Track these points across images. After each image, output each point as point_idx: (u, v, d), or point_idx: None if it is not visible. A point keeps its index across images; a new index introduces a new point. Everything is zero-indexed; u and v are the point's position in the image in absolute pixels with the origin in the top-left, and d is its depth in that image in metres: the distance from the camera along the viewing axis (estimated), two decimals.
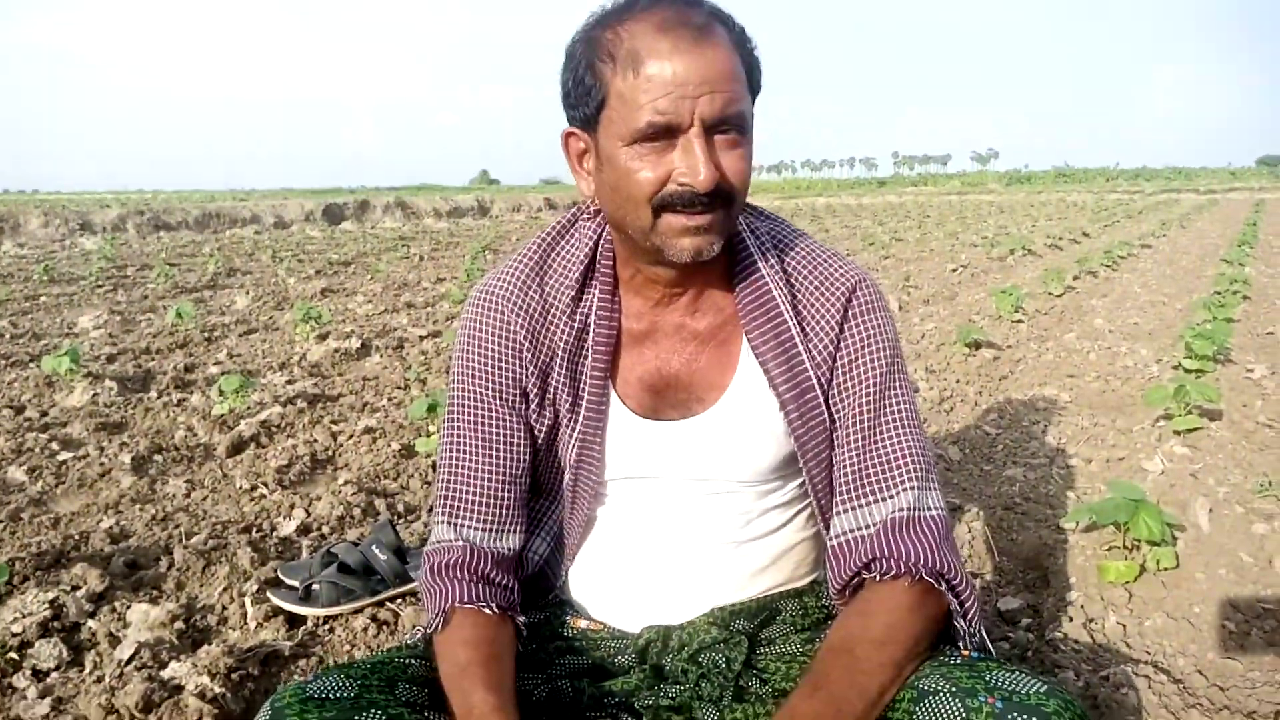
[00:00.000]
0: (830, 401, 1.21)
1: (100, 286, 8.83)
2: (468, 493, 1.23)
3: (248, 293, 8.08)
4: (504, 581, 1.21)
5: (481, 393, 1.24)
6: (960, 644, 1.11)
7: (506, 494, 1.23)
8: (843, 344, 1.19)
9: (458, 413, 1.25)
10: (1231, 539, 2.33)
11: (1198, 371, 4.11)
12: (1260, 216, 17.71)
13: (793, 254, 1.24)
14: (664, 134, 1.03)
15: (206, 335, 5.97)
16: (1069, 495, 2.83)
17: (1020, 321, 6.00)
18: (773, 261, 1.21)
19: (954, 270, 9.39)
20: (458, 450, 1.24)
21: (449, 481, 1.24)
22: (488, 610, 1.16)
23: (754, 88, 1.10)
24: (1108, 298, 7.18)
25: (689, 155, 1.02)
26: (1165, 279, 8.40)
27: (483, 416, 1.24)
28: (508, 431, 1.24)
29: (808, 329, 1.20)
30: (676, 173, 1.04)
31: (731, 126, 1.04)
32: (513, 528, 1.25)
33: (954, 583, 1.10)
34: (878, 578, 1.10)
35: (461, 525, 1.22)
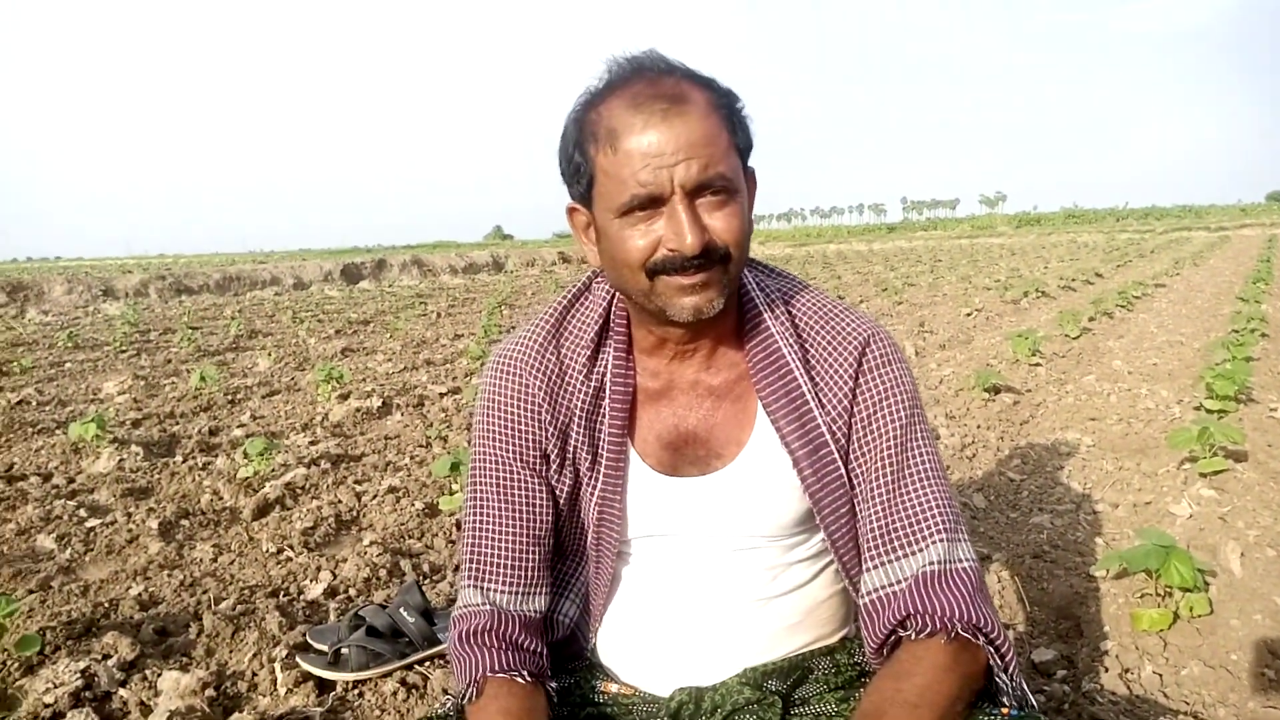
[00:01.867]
0: (850, 456, 1.21)
1: (124, 351, 8.95)
2: (493, 556, 1.24)
3: (269, 354, 8.16)
4: (533, 647, 1.22)
5: (502, 455, 1.26)
6: (1003, 699, 1.10)
7: (531, 556, 1.24)
8: (859, 398, 1.20)
9: (480, 476, 1.27)
10: (1265, 583, 2.30)
11: (1220, 412, 4.08)
12: (1273, 253, 17.66)
13: (803, 309, 1.25)
14: (649, 204, 1.06)
15: (230, 398, 6.03)
16: (1098, 542, 2.80)
17: (1038, 365, 5.99)
18: (782, 318, 1.23)
19: (968, 314, 9.39)
20: (481, 513, 1.26)
21: (474, 545, 1.25)
22: (520, 679, 1.16)
23: (742, 145, 1.12)
24: (1125, 339, 7.16)
25: (674, 221, 1.06)
26: (1181, 318, 8.37)
27: (505, 479, 1.25)
28: (529, 493, 1.25)
29: (820, 384, 1.21)
30: (664, 239, 1.07)
31: (715, 188, 1.06)
32: (538, 589, 1.25)
33: (991, 636, 1.09)
34: (913, 635, 1.09)
35: (488, 589, 1.23)
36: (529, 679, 1.17)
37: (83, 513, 3.48)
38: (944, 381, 5.59)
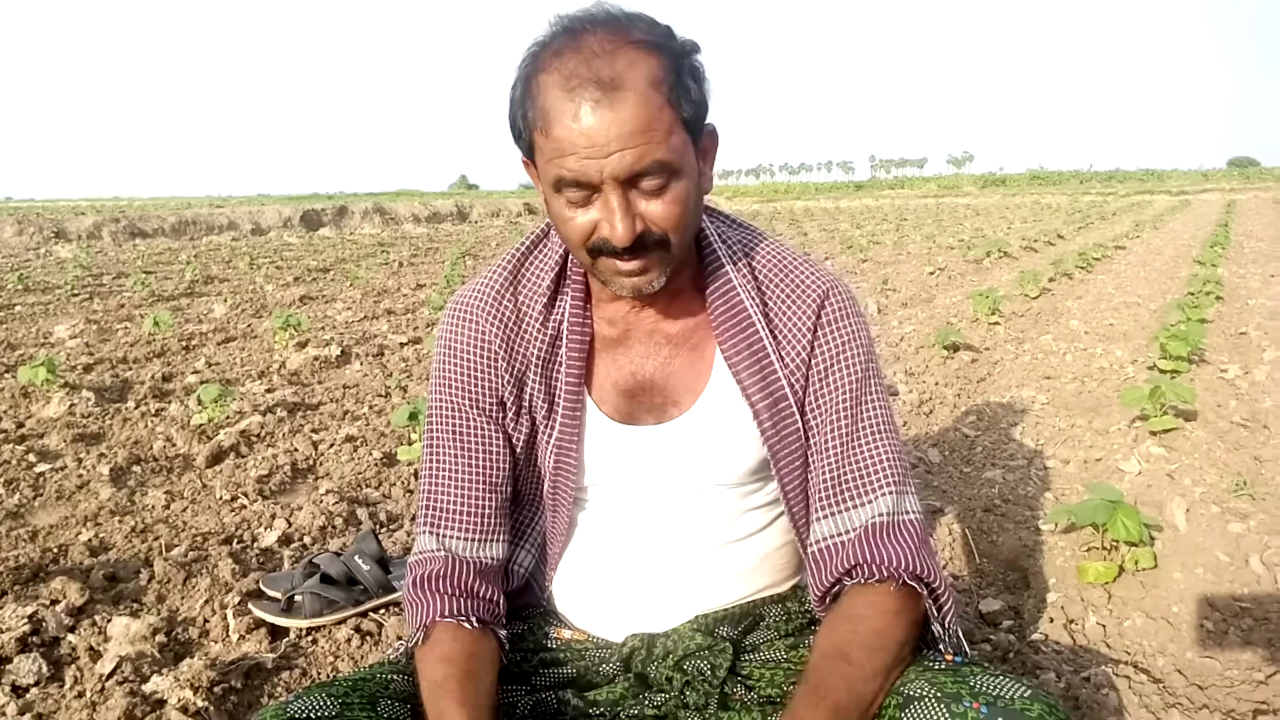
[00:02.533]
0: (805, 408, 1.21)
1: (76, 295, 8.73)
2: (450, 502, 1.23)
3: (225, 300, 8.02)
4: (487, 594, 1.21)
5: (459, 403, 1.25)
6: (941, 647, 1.12)
7: (488, 503, 1.24)
8: (816, 350, 1.20)
9: (437, 423, 1.26)
10: (1208, 539, 2.36)
11: (1172, 372, 4.16)
12: (1231, 217, 17.96)
13: (763, 261, 1.24)
14: (582, 188, 1.03)
15: (184, 344, 5.93)
16: (1047, 496, 2.86)
17: (997, 324, 6.06)
18: (743, 269, 1.22)
19: (931, 273, 9.46)
20: (438, 460, 1.25)
21: (430, 491, 1.25)
22: (468, 624, 1.16)
23: (689, 116, 1.05)
24: (1083, 299, 7.26)
25: (605, 210, 1.03)
26: (1139, 280, 8.50)
27: (462, 426, 1.24)
28: (487, 440, 1.25)
29: (780, 336, 1.21)
30: (599, 226, 1.04)
31: (652, 176, 1.02)
32: (495, 537, 1.25)
33: (933, 585, 1.11)
34: (861, 582, 1.11)
35: (444, 535, 1.22)
36: (477, 624, 1.17)
37: (32, 458, 3.41)
38: (905, 339, 5.63)
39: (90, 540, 2.59)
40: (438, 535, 1.22)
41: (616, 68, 0.99)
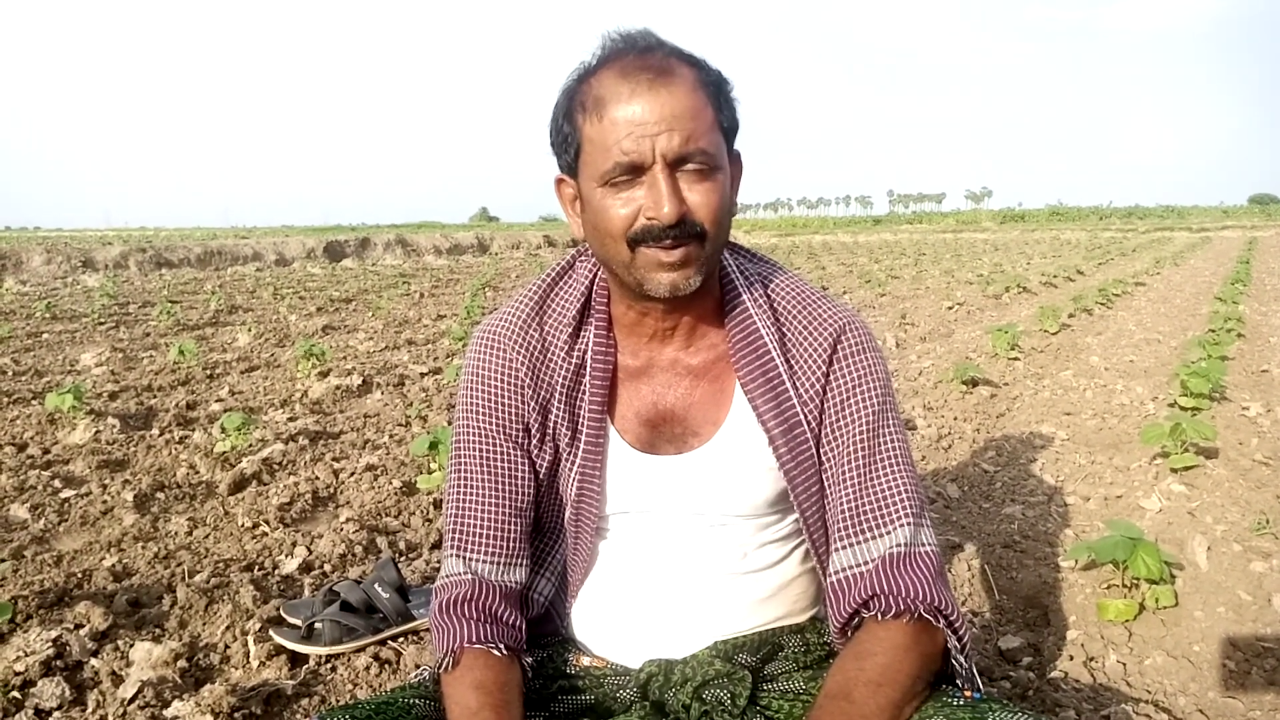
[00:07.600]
0: (821, 439, 1.23)
1: (102, 324, 8.87)
2: (476, 525, 1.25)
3: (249, 330, 8.11)
4: (512, 619, 1.23)
5: (486, 428, 1.27)
6: (959, 681, 1.12)
7: (513, 526, 1.26)
8: (832, 384, 1.22)
9: (464, 448, 1.28)
10: (1230, 577, 2.34)
11: (1193, 409, 4.13)
12: (1253, 254, 17.87)
13: (781, 295, 1.27)
14: (631, 172, 1.08)
15: (208, 372, 6.00)
16: (1067, 533, 2.84)
17: (1016, 359, 6.04)
18: (761, 301, 1.25)
19: (950, 308, 9.45)
20: (465, 485, 1.27)
21: (457, 515, 1.26)
22: (496, 652, 1.17)
23: (726, 125, 1.13)
24: (1103, 335, 7.23)
25: (653, 190, 1.07)
26: (1160, 317, 8.46)
27: (488, 451, 1.27)
28: (512, 465, 1.27)
29: (795, 367, 1.23)
30: (644, 208, 1.08)
31: (696, 162, 1.08)
32: (519, 560, 1.27)
33: (950, 618, 1.11)
34: (877, 616, 1.12)
35: (470, 558, 1.24)
36: (505, 652, 1.18)
37: (57, 483, 3.46)
38: (923, 373, 5.62)
39: (114, 566, 2.62)
40: (464, 559, 1.24)
41: (668, 63, 1.09)
